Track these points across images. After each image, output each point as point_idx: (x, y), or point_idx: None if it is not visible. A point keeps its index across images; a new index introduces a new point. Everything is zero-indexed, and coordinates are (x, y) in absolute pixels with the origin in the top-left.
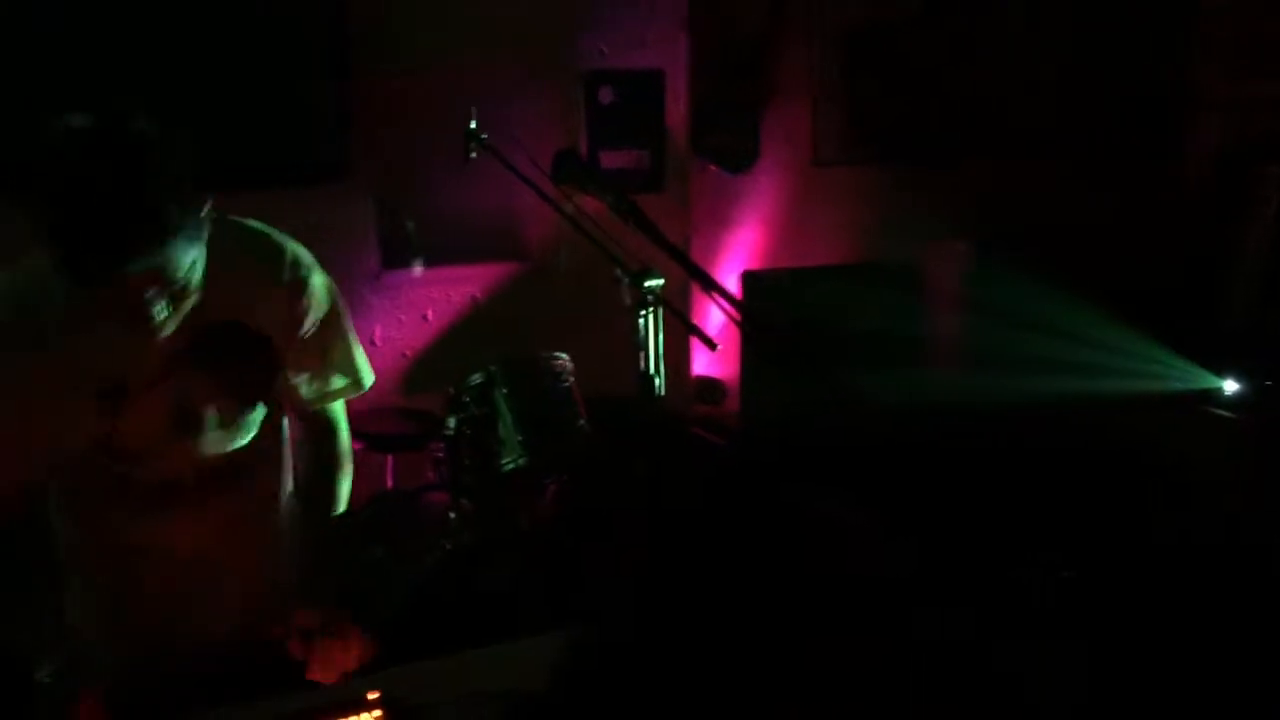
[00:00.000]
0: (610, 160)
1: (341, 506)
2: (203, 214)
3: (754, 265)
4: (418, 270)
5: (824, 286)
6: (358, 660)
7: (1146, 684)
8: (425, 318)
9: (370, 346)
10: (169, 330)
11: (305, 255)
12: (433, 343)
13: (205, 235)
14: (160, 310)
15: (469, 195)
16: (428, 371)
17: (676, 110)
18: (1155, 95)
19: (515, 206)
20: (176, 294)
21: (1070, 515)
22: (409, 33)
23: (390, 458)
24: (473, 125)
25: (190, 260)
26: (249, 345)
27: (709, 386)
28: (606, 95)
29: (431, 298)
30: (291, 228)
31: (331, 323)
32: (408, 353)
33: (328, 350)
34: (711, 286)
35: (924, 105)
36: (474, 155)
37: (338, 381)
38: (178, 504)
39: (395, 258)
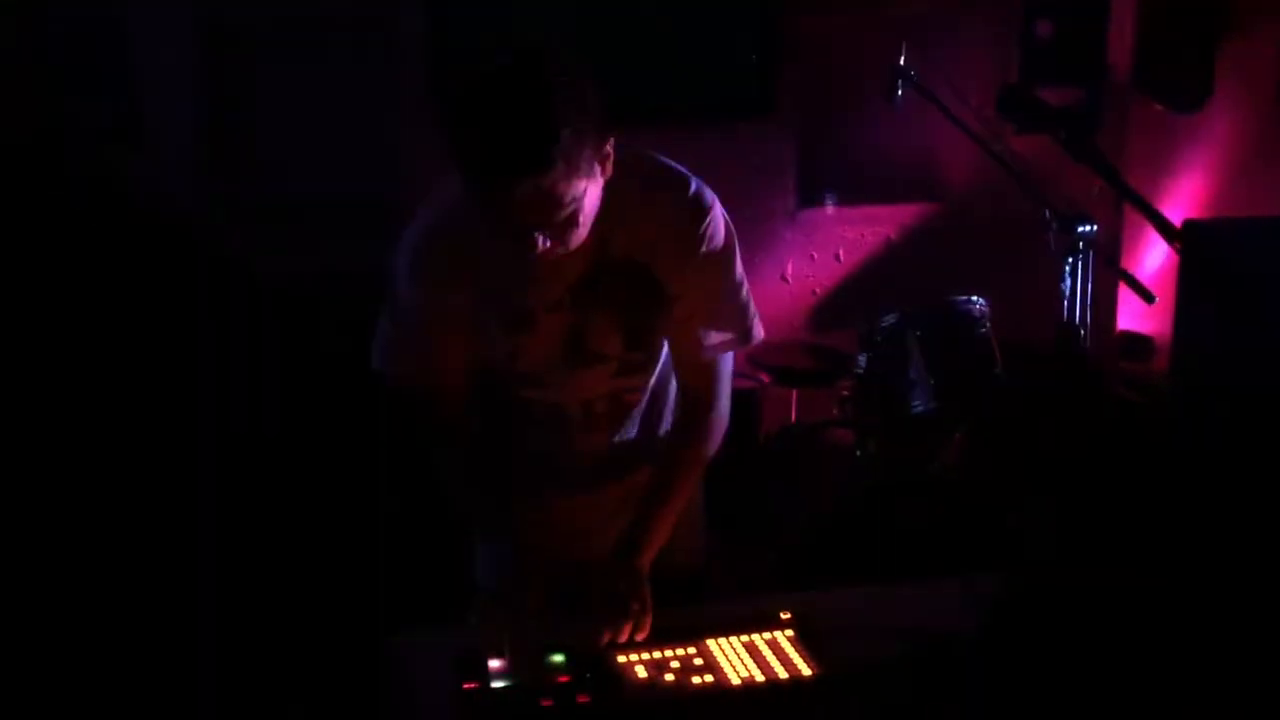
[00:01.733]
0: (1043, 97)
1: (702, 466)
2: (603, 150)
3: (1196, 213)
4: (832, 208)
5: None
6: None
7: None
8: (838, 257)
9: (781, 283)
10: (562, 255)
11: (710, 198)
12: (843, 282)
13: (600, 173)
14: (543, 240)
15: (889, 133)
16: (836, 310)
17: (1120, 43)
18: None
19: (936, 145)
20: (562, 224)
21: None
22: None
23: (795, 392)
24: (901, 61)
25: (579, 193)
26: (644, 286)
27: (1135, 342)
28: (1045, 28)
29: (845, 237)
30: (716, 162)
31: (726, 270)
32: (817, 290)
33: (719, 298)
34: (1174, 235)
35: None
36: (900, 93)
37: (724, 332)
38: (564, 433)
39: (811, 196)
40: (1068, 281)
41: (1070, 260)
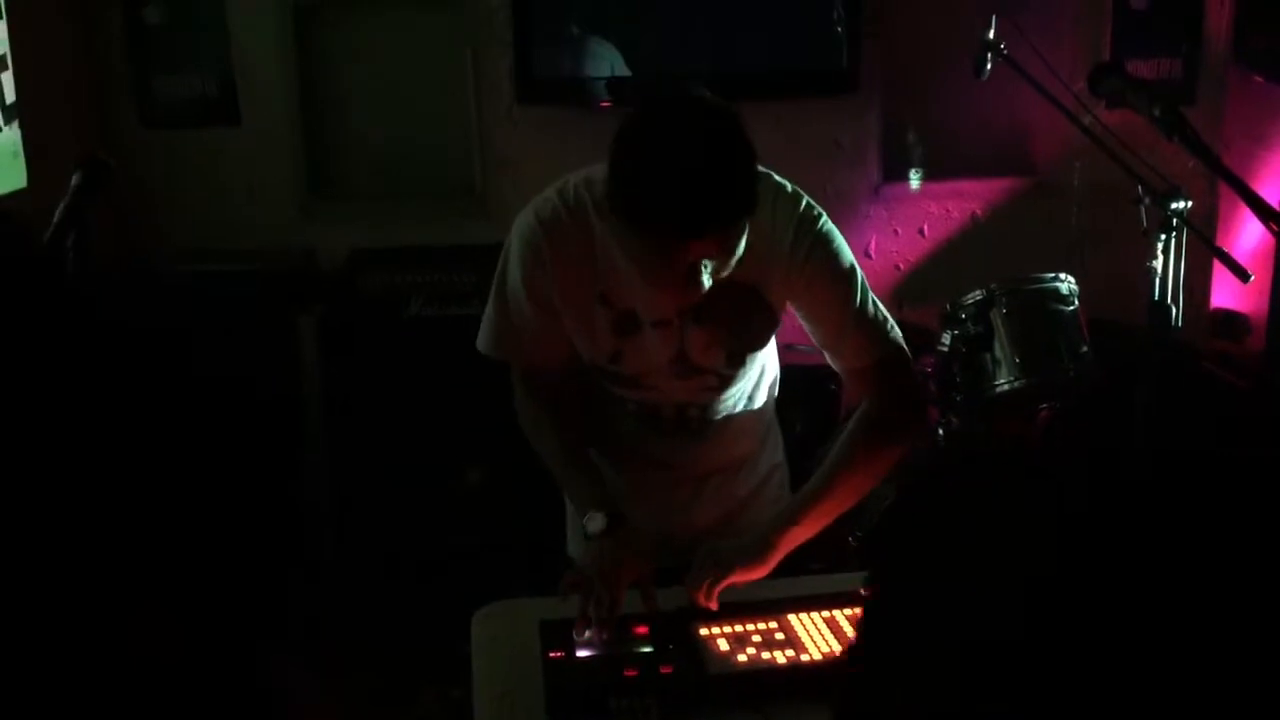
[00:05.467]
0: (1135, 70)
1: (877, 469)
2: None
3: None
4: (917, 184)
5: None
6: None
7: None
8: (922, 232)
9: (864, 259)
10: (700, 292)
11: (815, 213)
12: (927, 258)
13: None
14: (706, 278)
15: (977, 107)
16: (920, 287)
17: (1220, 12)
18: None
19: (1025, 120)
20: (727, 258)
21: None
22: None
23: None
24: (990, 35)
25: (744, 233)
26: (749, 307)
27: (1230, 321)
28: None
29: (929, 212)
30: (799, 137)
31: (846, 279)
32: (901, 266)
33: (843, 310)
34: (1271, 215)
35: None
36: (989, 67)
37: (862, 339)
38: (657, 431)
39: (895, 171)
40: (1160, 258)
41: (1163, 236)
